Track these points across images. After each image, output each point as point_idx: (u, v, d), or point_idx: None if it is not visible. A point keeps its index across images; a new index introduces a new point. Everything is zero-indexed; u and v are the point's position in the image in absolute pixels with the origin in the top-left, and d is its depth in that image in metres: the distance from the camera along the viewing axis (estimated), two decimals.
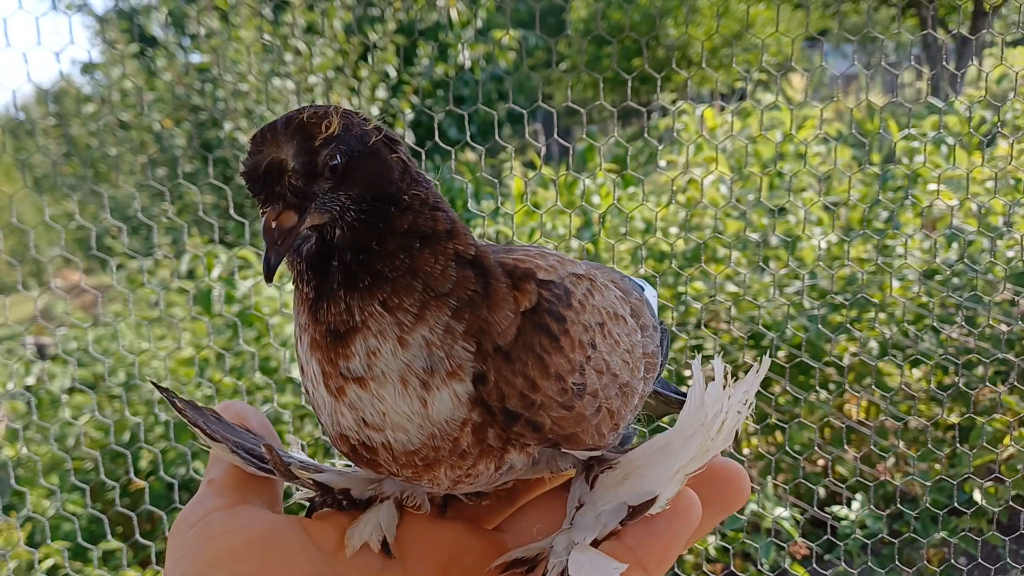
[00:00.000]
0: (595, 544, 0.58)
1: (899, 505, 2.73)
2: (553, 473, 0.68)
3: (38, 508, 2.74)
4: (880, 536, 2.68)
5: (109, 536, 2.51)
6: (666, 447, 0.61)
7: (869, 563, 2.69)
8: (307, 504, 0.68)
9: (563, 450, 0.63)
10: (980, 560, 2.69)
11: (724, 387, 0.61)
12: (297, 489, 0.68)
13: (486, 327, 0.58)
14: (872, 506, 2.79)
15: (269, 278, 0.55)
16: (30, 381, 3.07)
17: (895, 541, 2.68)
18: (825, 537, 2.67)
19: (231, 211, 2.64)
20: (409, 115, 4.73)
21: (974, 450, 2.77)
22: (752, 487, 2.84)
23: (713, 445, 0.59)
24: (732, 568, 2.82)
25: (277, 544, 0.59)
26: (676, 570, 2.71)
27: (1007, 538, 2.67)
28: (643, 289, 0.86)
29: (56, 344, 3.45)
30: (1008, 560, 2.76)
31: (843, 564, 2.73)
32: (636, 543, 0.57)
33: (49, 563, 2.61)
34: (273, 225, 0.54)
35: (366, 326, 0.56)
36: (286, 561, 0.58)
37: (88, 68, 6.76)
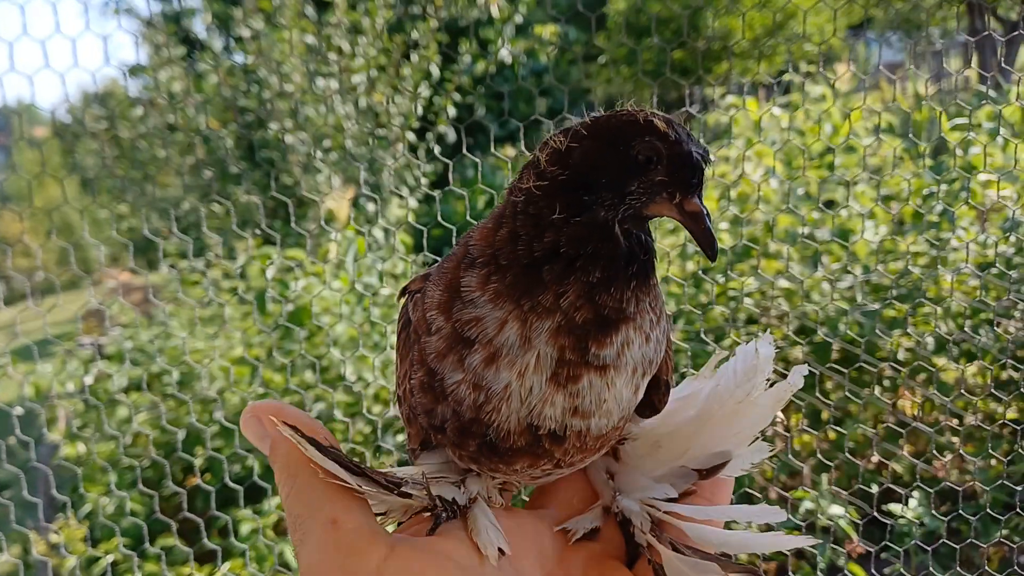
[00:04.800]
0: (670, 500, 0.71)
1: (957, 503, 2.69)
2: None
3: (97, 506, 2.80)
4: (938, 535, 2.64)
5: (144, 536, 2.55)
6: (701, 418, 0.71)
7: (927, 562, 2.65)
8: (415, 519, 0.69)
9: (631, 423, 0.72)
10: None
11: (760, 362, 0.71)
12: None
13: (668, 330, 0.68)
14: (929, 504, 2.74)
15: (715, 256, 0.62)
16: (88, 381, 3.13)
17: (953, 540, 2.63)
18: (882, 536, 2.63)
19: (291, 219, 2.67)
20: (451, 112, 4.74)
21: None
22: (805, 483, 2.81)
23: (773, 412, 0.70)
24: (788, 567, 2.79)
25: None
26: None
27: None
28: None
29: (111, 343, 3.51)
30: None
31: (900, 563, 2.69)
32: (711, 494, 0.71)
33: (108, 559, 2.66)
34: (705, 210, 0.61)
35: (633, 318, 0.61)
36: None
37: (135, 71, 6.86)
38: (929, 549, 2.63)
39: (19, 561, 2.69)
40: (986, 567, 2.70)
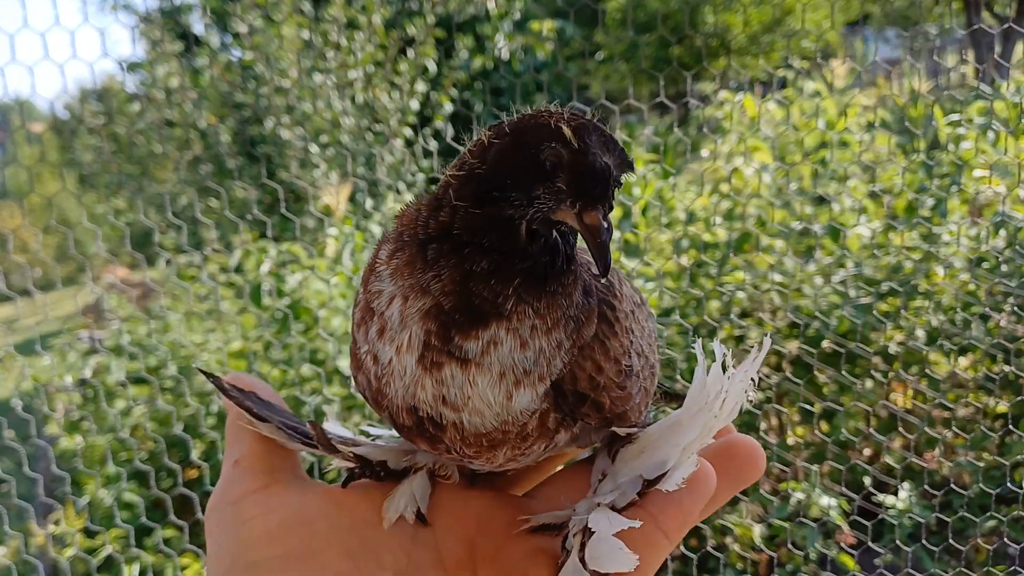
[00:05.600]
0: (616, 510, 0.63)
1: (947, 494, 2.71)
2: (584, 447, 0.72)
3: (95, 497, 2.82)
4: (928, 525, 2.66)
5: (143, 526, 2.57)
6: (676, 424, 0.65)
7: (917, 552, 2.68)
8: (345, 474, 0.71)
9: (614, 428, 0.68)
10: None
11: (724, 369, 0.64)
12: (328, 462, 0.72)
13: (581, 342, 0.62)
14: (920, 495, 2.77)
15: (606, 273, 0.57)
16: (86, 374, 3.15)
17: (944, 530, 2.66)
18: (873, 526, 2.66)
19: (282, 207, 2.69)
20: (448, 108, 4.76)
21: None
22: (797, 475, 2.84)
23: (715, 423, 0.63)
24: (778, 557, 2.82)
25: (310, 523, 0.62)
26: (721, 555, 2.72)
27: None
28: None
29: (110, 337, 3.53)
30: None
31: (891, 553, 2.72)
32: (658, 510, 0.60)
33: (107, 550, 2.68)
34: (605, 224, 0.57)
35: (507, 319, 0.59)
36: (319, 539, 0.61)
37: (132, 67, 6.87)
38: (919, 540, 2.66)
39: (20, 544, 2.71)
40: (974, 557, 2.72)
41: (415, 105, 4.80)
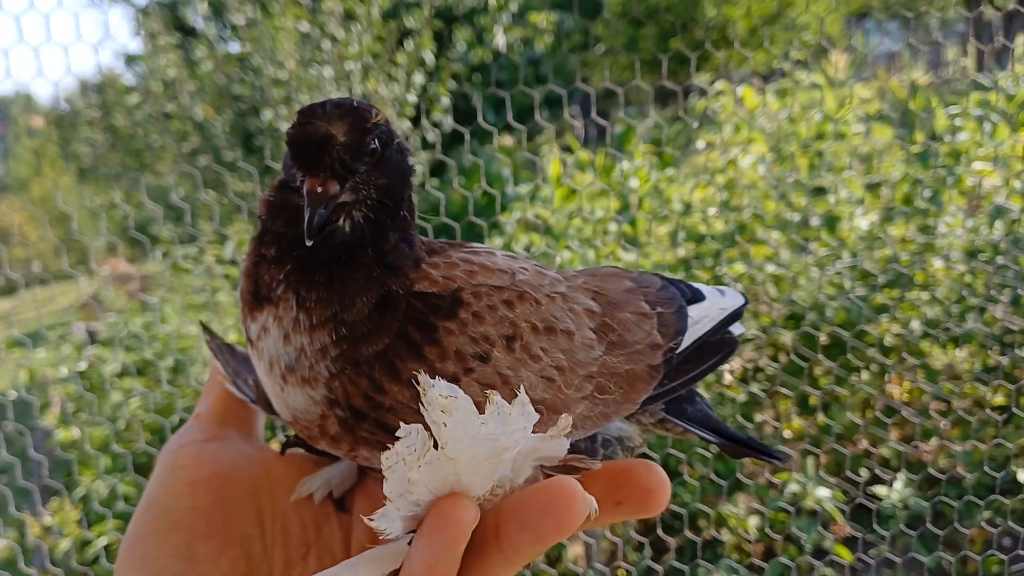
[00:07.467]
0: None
1: (942, 486, 2.71)
2: None
3: (90, 488, 2.82)
4: (923, 517, 2.66)
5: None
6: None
7: (912, 544, 2.68)
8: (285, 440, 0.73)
9: None
10: None
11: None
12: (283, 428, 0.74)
13: (358, 355, 0.58)
14: (915, 487, 2.77)
15: (311, 238, 0.55)
16: (82, 366, 3.15)
17: (938, 523, 2.65)
18: (868, 519, 2.66)
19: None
20: (446, 100, 4.74)
21: (1019, 430, 2.74)
22: (794, 466, 2.83)
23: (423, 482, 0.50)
24: (774, 547, 2.82)
25: (233, 483, 0.64)
26: (716, 550, 2.72)
27: None
28: (688, 300, 0.76)
29: (105, 329, 3.54)
30: None
31: (886, 545, 2.71)
32: (410, 551, 0.51)
33: (102, 541, 2.69)
34: (318, 190, 0.56)
35: (276, 306, 0.59)
36: (235, 499, 0.64)
37: (131, 60, 6.86)
38: (914, 532, 2.66)
39: (16, 535, 2.72)
40: (969, 550, 2.72)
41: (413, 97, 4.79)
